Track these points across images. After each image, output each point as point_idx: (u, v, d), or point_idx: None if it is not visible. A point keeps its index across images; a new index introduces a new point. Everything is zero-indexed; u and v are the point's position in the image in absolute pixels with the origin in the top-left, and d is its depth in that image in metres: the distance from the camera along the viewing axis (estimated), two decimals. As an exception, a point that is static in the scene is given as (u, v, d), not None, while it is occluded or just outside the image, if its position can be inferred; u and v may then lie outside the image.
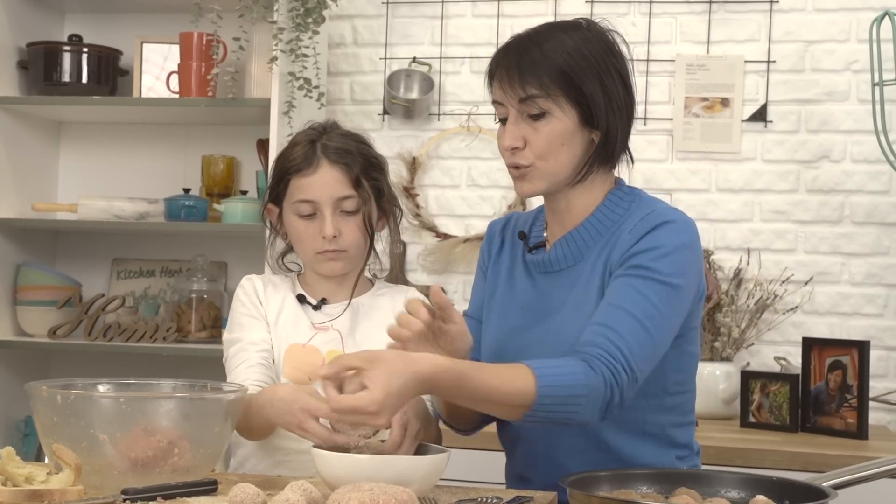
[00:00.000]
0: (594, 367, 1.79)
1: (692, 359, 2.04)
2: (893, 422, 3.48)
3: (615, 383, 1.79)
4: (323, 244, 2.16)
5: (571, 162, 1.96)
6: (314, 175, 2.16)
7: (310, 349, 2.19)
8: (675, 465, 2.00)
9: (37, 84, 3.72)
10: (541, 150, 1.93)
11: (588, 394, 1.76)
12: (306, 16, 3.41)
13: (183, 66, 3.59)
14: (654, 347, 1.87)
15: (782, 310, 3.55)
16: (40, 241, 3.90)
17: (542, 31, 1.97)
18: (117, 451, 1.69)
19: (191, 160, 3.88)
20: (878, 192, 3.54)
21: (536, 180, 1.96)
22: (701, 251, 1.98)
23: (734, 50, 3.65)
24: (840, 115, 3.58)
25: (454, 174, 3.81)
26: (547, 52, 1.92)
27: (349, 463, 1.65)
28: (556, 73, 1.90)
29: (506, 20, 3.77)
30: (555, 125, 1.92)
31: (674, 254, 1.90)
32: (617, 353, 1.81)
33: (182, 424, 1.72)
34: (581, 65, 1.91)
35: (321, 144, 2.18)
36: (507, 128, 1.96)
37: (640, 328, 1.84)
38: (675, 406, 2.01)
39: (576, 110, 1.92)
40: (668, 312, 1.89)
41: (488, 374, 1.75)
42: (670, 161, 3.67)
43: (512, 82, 1.92)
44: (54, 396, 1.72)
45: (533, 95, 1.91)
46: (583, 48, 1.93)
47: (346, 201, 2.16)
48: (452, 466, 1.78)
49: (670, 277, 1.89)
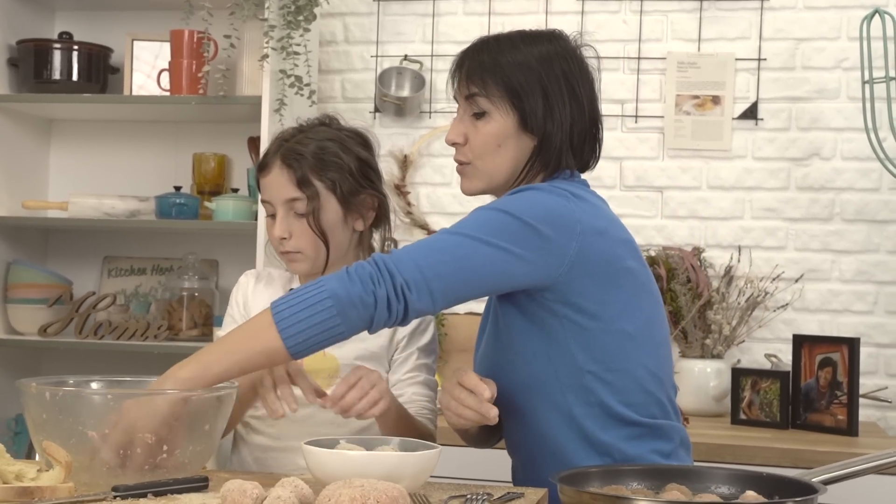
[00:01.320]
0: (349, 271, 1.78)
1: (622, 337, 1.92)
2: (883, 418, 3.49)
3: (372, 280, 1.76)
4: (279, 244, 2.20)
5: (509, 164, 1.99)
6: (269, 176, 2.20)
7: None
8: (651, 459, 1.95)
9: (27, 82, 3.71)
10: (478, 149, 2.00)
11: (338, 295, 1.74)
12: (297, 13, 3.40)
13: (174, 64, 3.58)
14: (441, 253, 1.81)
15: (773, 307, 3.56)
16: (31, 240, 3.89)
17: (503, 39, 2.02)
18: (107, 449, 1.69)
19: (182, 158, 3.87)
20: (869, 190, 3.55)
21: (475, 179, 2.02)
22: (570, 213, 1.87)
23: (725, 48, 3.66)
24: (830, 113, 3.58)
25: (445, 172, 3.81)
26: (497, 57, 1.97)
27: (340, 459, 1.65)
28: (499, 78, 1.96)
29: (497, 18, 3.78)
30: (492, 126, 1.98)
31: (531, 198, 1.88)
32: (383, 255, 1.80)
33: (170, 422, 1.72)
34: (526, 77, 1.96)
35: (286, 145, 2.20)
36: (452, 123, 2.04)
37: (439, 235, 1.85)
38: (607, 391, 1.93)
39: (515, 114, 1.97)
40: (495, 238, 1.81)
41: (228, 340, 1.81)
42: (661, 159, 3.67)
43: (461, 80, 2.01)
44: (43, 393, 1.71)
45: (475, 94, 1.98)
46: (533, 62, 1.97)
47: (295, 203, 2.17)
48: (443, 463, 1.78)
49: (516, 211, 1.84)
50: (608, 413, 1.93)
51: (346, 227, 2.22)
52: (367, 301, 1.76)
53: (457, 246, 1.82)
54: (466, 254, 1.82)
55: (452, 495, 1.72)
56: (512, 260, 1.83)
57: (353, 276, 1.77)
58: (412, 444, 1.77)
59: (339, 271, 1.80)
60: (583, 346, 1.90)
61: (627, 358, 1.94)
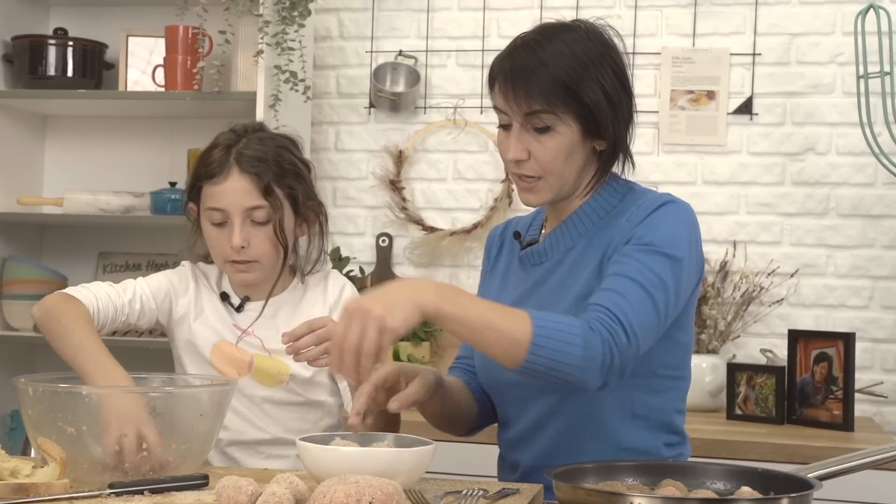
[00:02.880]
0: (593, 326, 1.77)
1: (683, 347, 2.03)
2: (879, 413, 3.50)
3: (613, 344, 1.77)
4: (231, 253, 2.15)
5: (574, 172, 1.97)
6: (224, 183, 2.14)
7: (238, 349, 2.22)
8: (661, 451, 2.00)
9: (22, 77, 3.71)
10: (548, 164, 1.94)
11: (585, 348, 1.74)
12: (292, 9, 3.40)
13: (169, 60, 3.58)
14: (658, 317, 1.85)
15: (768, 302, 3.56)
16: (26, 235, 3.89)
17: (540, 39, 1.96)
18: (93, 446, 1.70)
19: (177, 153, 3.86)
20: (864, 185, 3.56)
21: (544, 192, 1.98)
22: (699, 235, 1.99)
23: (720, 43, 3.66)
24: (825, 108, 3.59)
25: (440, 167, 3.81)
26: (546, 61, 1.92)
27: (335, 455, 1.65)
28: (558, 87, 1.90)
29: (492, 13, 3.77)
30: (559, 140, 1.93)
31: (673, 230, 1.91)
32: (618, 312, 1.79)
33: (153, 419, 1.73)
34: (580, 73, 1.91)
35: (236, 151, 2.16)
36: (511, 139, 1.96)
37: (643, 294, 1.83)
38: (666, 391, 2.01)
39: (579, 124, 1.93)
40: (672, 283, 1.87)
41: (487, 307, 1.77)
42: (656, 154, 3.67)
43: (517, 97, 1.92)
44: (27, 389, 1.72)
45: (537, 111, 1.92)
46: (579, 51, 1.93)
47: (255, 211, 2.14)
48: (439, 459, 1.78)
49: (671, 249, 1.88)
50: (659, 420, 2.00)
51: (293, 234, 2.22)
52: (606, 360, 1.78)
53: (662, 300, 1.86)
54: (657, 307, 1.85)
55: (448, 491, 1.73)
56: (681, 298, 1.92)
57: (599, 333, 1.78)
58: (407, 441, 1.77)
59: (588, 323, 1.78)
60: (661, 349, 1.94)
61: (685, 366, 2.04)
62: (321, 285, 2.27)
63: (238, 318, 2.24)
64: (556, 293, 1.98)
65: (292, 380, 2.19)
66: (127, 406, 1.74)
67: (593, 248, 1.98)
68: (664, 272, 1.86)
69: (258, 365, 2.20)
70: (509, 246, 2.16)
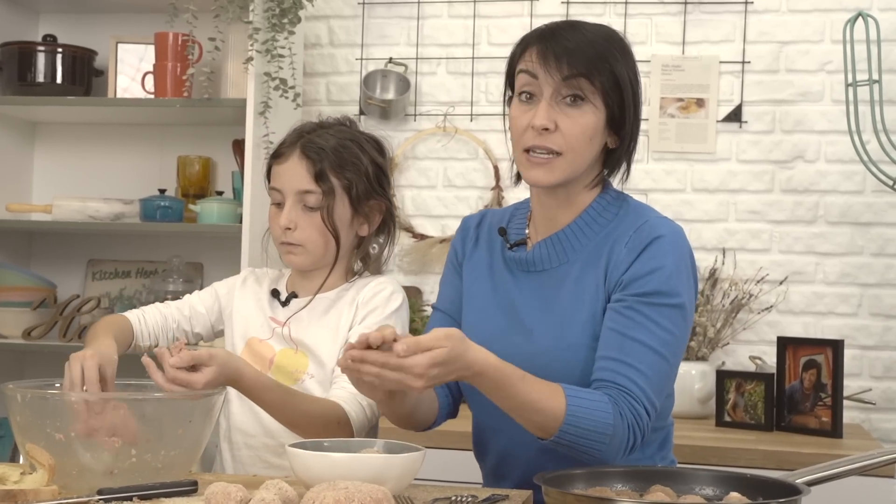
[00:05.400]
0: (621, 411, 1.82)
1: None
2: (867, 420, 3.50)
3: (637, 427, 1.83)
4: (282, 234, 2.18)
5: (592, 159, 1.95)
6: (285, 164, 2.19)
7: (265, 345, 2.23)
8: (644, 464, 2.00)
9: (11, 84, 3.70)
10: (573, 139, 1.90)
11: (613, 434, 1.80)
12: (282, 16, 3.40)
13: (158, 67, 3.58)
14: (672, 374, 1.93)
15: (757, 309, 3.57)
16: (15, 242, 3.88)
17: (577, 22, 1.97)
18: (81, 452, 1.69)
19: (166, 161, 3.86)
20: (852, 192, 3.57)
21: (559, 171, 1.92)
22: (693, 263, 1.99)
23: (709, 51, 3.67)
24: (814, 116, 3.60)
25: (430, 175, 3.82)
26: (588, 35, 1.91)
27: (324, 461, 1.64)
28: (598, 59, 1.88)
29: (482, 21, 3.78)
30: (588, 117, 1.90)
31: (675, 273, 1.91)
32: (641, 395, 1.84)
33: (138, 426, 1.72)
34: (616, 55, 1.91)
35: (306, 137, 2.20)
36: (540, 107, 1.90)
37: (658, 360, 1.87)
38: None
39: (605, 109, 1.91)
40: (681, 334, 1.92)
41: (529, 385, 1.79)
42: (646, 161, 3.68)
43: (558, 59, 1.88)
44: (15, 395, 1.71)
45: (578, 75, 1.88)
46: (629, 57, 1.95)
47: (307, 195, 2.16)
48: (428, 465, 1.78)
49: (677, 298, 1.90)
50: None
51: (351, 229, 2.22)
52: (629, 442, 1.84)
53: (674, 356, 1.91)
54: (671, 365, 1.91)
55: (437, 497, 1.72)
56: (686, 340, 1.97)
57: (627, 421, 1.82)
58: (397, 447, 1.77)
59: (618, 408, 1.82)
60: None
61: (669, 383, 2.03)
62: (356, 288, 2.23)
63: (279, 312, 2.24)
64: (570, 312, 1.95)
65: (310, 378, 2.18)
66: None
67: (594, 269, 1.95)
68: (673, 326, 1.89)
69: (278, 362, 2.19)
70: (488, 240, 2.11)
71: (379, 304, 2.18)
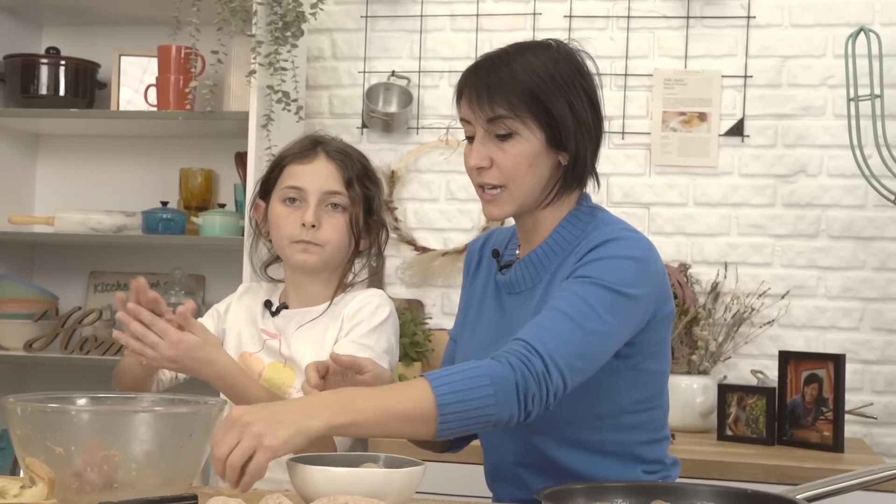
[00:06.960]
0: (498, 358, 1.73)
1: (656, 377, 2.00)
2: (869, 435, 3.50)
3: (526, 370, 1.72)
4: (300, 232, 2.17)
5: (539, 184, 1.94)
6: (310, 164, 2.20)
7: (254, 359, 2.23)
8: (641, 478, 1.99)
9: (14, 97, 3.71)
10: (510, 171, 1.91)
11: (493, 383, 1.69)
12: (285, 29, 3.41)
13: (161, 79, 3.58)
14: (589, 346, 1.80)
15: (759, 323, 3.57)
16: (17, 254, 3.88)
17: (511, 52, 1.95)
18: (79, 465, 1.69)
19: (168, 173, 3.87)
20: (854, 207, 3.56)
21: (507, 204, 1.95)
22: (658, 268, 1.93)
23: (711, 65, 3.67)
24: (816, 130, 3.60)
25: (433, 188, 3.82)
26: (516, 72, 1.90)
27: (324, 476, 1.64)
28: (524, 94, 1.89)
29: (484, 34, 3.78)
30: (522, 146, 1.91)
31: (619, 263, 1.86)
32: (534, 342, 1.75)
33: (139, 440, 1.72)
34: (549, 86, 1.90)
35: (324, 142, 2.24)
36: (473, 147, 1.94)
37: (571, 324, 1.78)
38: (639, 424, 1.99)
39: (543, 132, 1.90)
40: (610, 317, 1.81)
41: (384, 395, 1.72)
42: (648, 175, 3.68)
43: (480, 102, 1.91)
44: (15, 409, 1.71)
45: (501, 116, 1.89)
46: (551, 68, 1.91)
47: (334, 196, 2.18)
48: (428, 480, 1.77)
49: (615, 284, 1.83)
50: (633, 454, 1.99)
51: (360, 238, 2.25)
52: (520, 385, 1.72)
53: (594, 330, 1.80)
54: (587, 335, 1.79)
55: (437, 512, 1.72)
56: (621, 332, 1.86)
57: (507, 360, 1.73)
58: (397, 461, 1.77)
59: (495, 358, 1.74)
60: (631, 384, 1.94)
61: (660, 396, 2.02)
62: (345, 301, 2.23)
63: (269, 323, 2.25)
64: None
65: (296, 392, 2.18)
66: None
67: (555, 284, 1.94)
68: (598, 301, 1.81)
69: (267, 376, 2.19)
70: (488, 262, 2.13)
71: (364, 317, 2.18)
